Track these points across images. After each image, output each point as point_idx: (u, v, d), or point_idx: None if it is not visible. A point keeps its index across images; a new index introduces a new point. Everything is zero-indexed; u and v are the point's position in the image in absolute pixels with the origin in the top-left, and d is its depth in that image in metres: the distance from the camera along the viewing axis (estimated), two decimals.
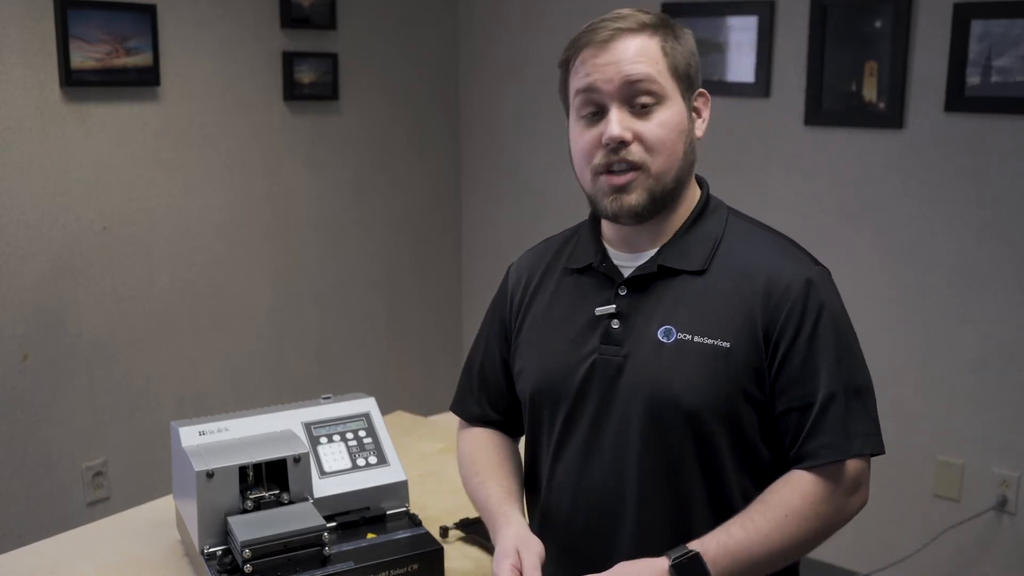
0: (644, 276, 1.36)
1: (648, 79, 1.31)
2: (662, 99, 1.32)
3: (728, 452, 1.32)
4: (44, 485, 2.92)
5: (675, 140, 1.33)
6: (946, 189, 2.94)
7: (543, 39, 3.68)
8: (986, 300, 2.91)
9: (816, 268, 1.35)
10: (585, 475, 1.39)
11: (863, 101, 3.03)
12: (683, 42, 1.35)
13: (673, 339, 1.32)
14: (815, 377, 1.29)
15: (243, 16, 3.24)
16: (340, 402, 1.79)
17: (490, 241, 4.03)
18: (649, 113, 1.31)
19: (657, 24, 1.34)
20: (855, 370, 1.32)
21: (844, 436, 1.28)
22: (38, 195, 2.82)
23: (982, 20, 2.79)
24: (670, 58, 1.33)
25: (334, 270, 3.64)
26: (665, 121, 1.32)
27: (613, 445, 1.36)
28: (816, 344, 1.29)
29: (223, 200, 3.27)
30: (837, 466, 1.28)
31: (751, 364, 1.30)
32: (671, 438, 1.32)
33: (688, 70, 1.35)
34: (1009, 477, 2.93)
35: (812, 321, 1.29)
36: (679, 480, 1.33)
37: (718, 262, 1.35)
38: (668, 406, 1.31)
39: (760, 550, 1.25)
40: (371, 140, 3.69)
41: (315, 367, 3.61)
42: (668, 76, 1.32)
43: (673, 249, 1.36)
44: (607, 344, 1.36)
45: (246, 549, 1.48)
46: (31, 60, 2.75)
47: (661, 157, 1.32)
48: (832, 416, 1.28)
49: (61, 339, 2.91)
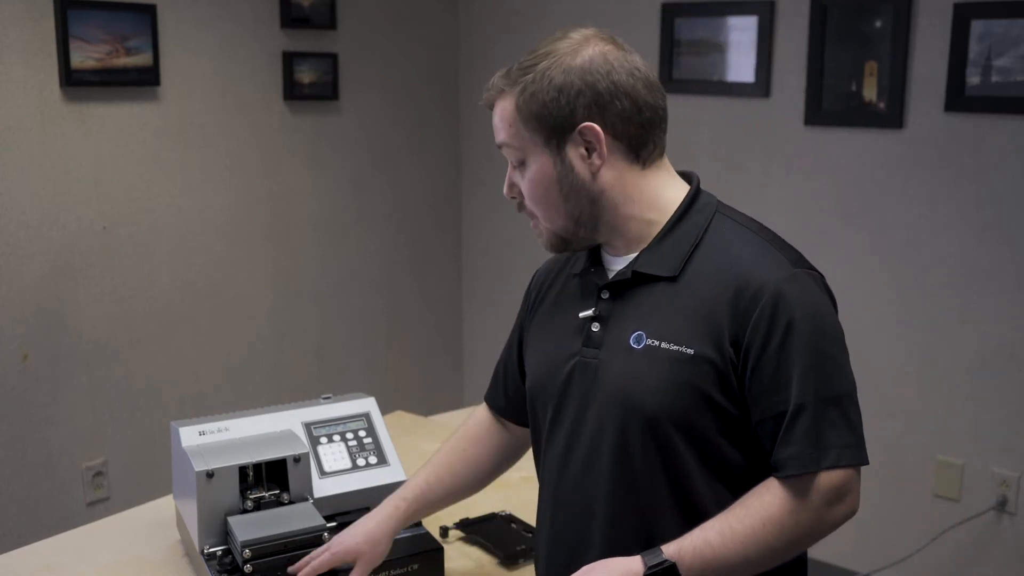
0: (622, 282, 1.36)
1: (506, 144, 1.35)
2: (525, 157, 1.34)
3: (693, 461, 1.30)
4: (44, 485, 2.92)
5: (544, 192, 1.34)
6: (946, 189, 2.94)
7: (543, 39, 3.68)
8: (986, 300, 2.91)
9: (795, 270, 1.29)
10: (560, 484, 1.40)
11: (863, 101, 3.03)
12: (541, 87, 1.31)
13: (643, 345, 1.31)
14: (786, 386, 1.25)
15: (243, 16, 3.24)
16: (340, 402, 1.79)
17: (490, 241, 4.03)
18: (524, 169, 1.35)
19: (511, 80, 1.34)
20: (833, 378, 1.27)
21: (815, 447, 1.24)
22: (38, 195, 2.82)
23: (982, 20, 2.79)
24: (522, 114, 1.32)
25: (334, 270, 3.64)
26: (530, 178, 1.35)
27: (586, 454, 1.35)
28: (786, 351, 1.25)
29: (223, 200, 3.27)
30: (810, 476, 1.25)
31: (715, 371, 1.27)
32: (635, 448, 1.30)
33: (548, 114, 1.31)
34: (1009, 477, 2.93)
35: (783, 327, 1.25)
36: (647, 497, 1.31)
37: (694, 265, 1.32)
38: (632, 413, 1.30)
39: (735, 558, 1.24)
40: (371, 140, 3.69)
41: (315, 367, 3.61)
42: (523, 133, 1.33)
43: (649, 255, 1.34)
44: (587, 347, 1.37)
45: (246, 549, 1.48)
46: (31, 60, 2.75)
47: (540, 209, 1.36)
48: (801, 427, 1.24)
49: (61, 339, 2.91)
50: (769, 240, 1.34)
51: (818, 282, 1.32)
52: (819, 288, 1.31)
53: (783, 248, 1.34)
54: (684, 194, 1.37)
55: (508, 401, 1.61)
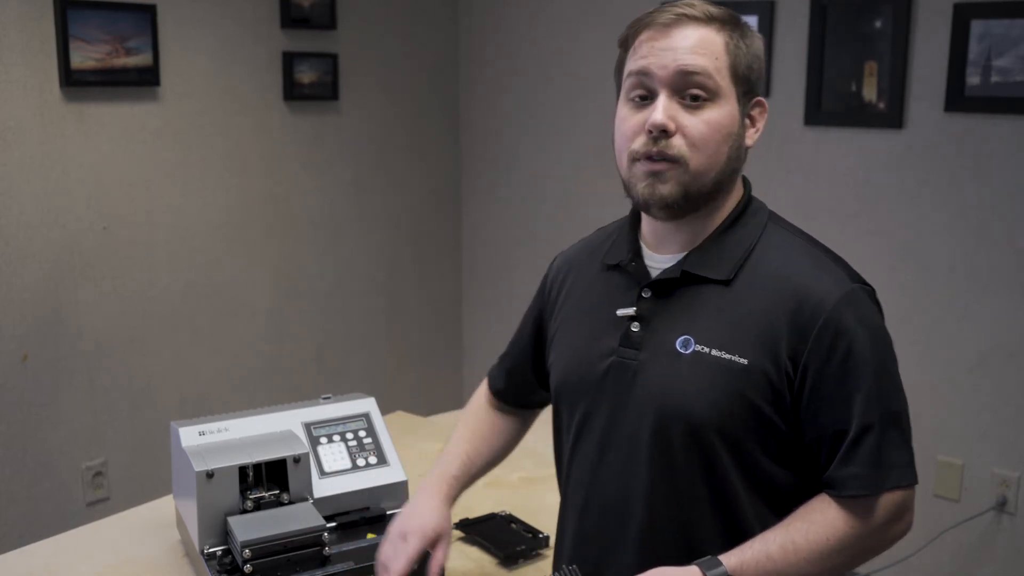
0: (669, 281, 1.30)
1: (704, 73, 1.24)
2: (715, 96, 1.25)
3: (737, 474, 1.26)
4: (44, 485, 2.92)
5: (719, 141, 1.25)
6: (946, 189, 2.94)
7: (543, 39, 3.69)
8: (986, 300, 2.91)
9: (853, 285, 1.26)
10: (594, 484, 1.36)
11: (863, 101, 3.03)
12: (750, 44, 1.28)
13: (690, 350, 1.26)
14: (848, 404, 1.21)
15: (243, 16, 3.24)
16: (340, 402, 1.79)
17: (490, 241, 4.03)
18: (699, 108, 1.24)
19: (725, 19, 1.27)
20: (893, 396, 1.24)
21: (878, 469, 1.21)
22: (38, 195, 2.82)
23: (982, 20, 2.79)
24: (732, 56, 1.25)
25: (334, 270, 3.64)
26: (712, 120, 1.25)
27: (623, 456, 1.32)
28: (848, 369, 1.21)
29: (223, 200, 3.27)
30: (874, 498, 1.22)
31: (769, 384, 1.23)
32: (677, 455, 1.27)
33: (749, 73, 1.28)
34: (1009, 477, 2.93)
35: (844, 345, 1.21)
36: (686, 500, 1.28)
37: (747, 272, 1.28)
38: (675, 420, 1.26)
39: (796, 574, 1.21)
40: (371, 140, 3.69)
41: (315, 367, 3.61)
42: (726, 75, 1.25)
43: (701, 255, 1.30)
44: (625, 347, 1.31)
45: (246, 549, 1.48)
46: (31, 60, 2.75)
47: (702, 155, 1.25)
48: (866, 447, 1.21)
49: (61, 339, 2.91)
50: (823, 252, 1.31)
51: (872, 297, 1.30)
52: (873, 303, 1.29)
53: (837, 261, 1.31)
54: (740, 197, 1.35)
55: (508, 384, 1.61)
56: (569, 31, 3.61)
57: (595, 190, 3.54)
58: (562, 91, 3.66)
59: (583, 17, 3.57)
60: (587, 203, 3.60)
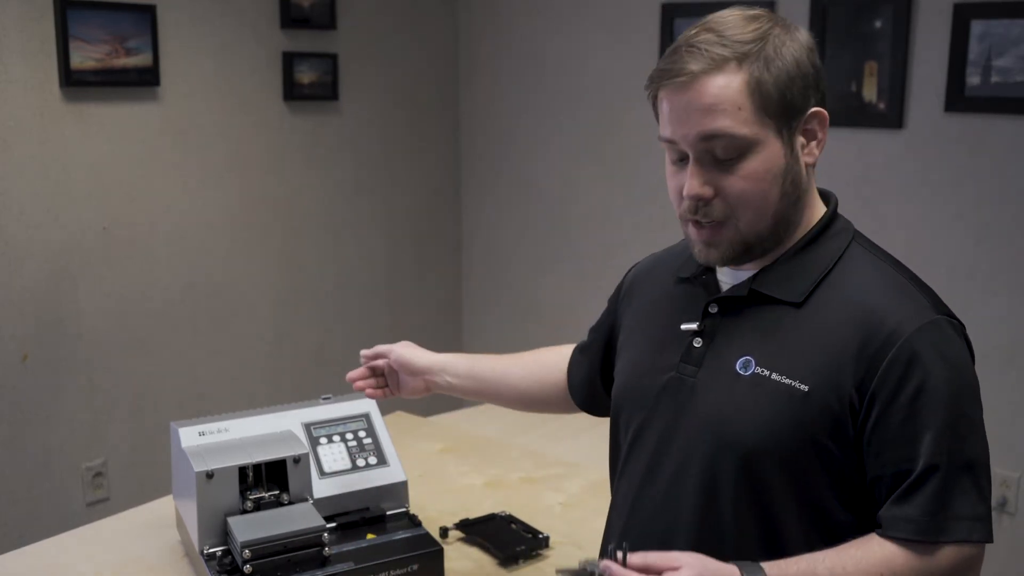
0: (737, 298, 1.24)
1: (726, 135, 1.14)
2: (748, 148, 1.15)
3: (790, 508, 1.17)
4: (44, 485, 2.92)
5: (765, 189, 1.17)
6: (946, 189, 2.94)
7: (543, 39, 3.69)
8: (986, 300, 2.91)
9: (936, 316, 1.16)
10: (639, 501, 1.30)
11: (863, 101, 3.03)
12: (778, 63, 1.15)
13: (750, 372, 1.19)
14: (914, 443, 1.12)
15: (243, 16, 3.24)
16: (340, 402, 1.79)
17: (490, 241, 4.03)
18: (733, 165, 1.16)
19: (745, 51, 1.15)
20: (970, 440, 1.14)
21: (939, 516, 1.11)
22: (38, 195, 2.82)
23: (982, 20, 2.79)
24: (757, 96, 1.14)
25: (334, 270, 3.64)
26: (751, 171, 1.16)
27: (669, 480, 1.25)
28: (918, 406, 1.12)
29: (223, 200, 3.27)
30: (932, 545, 1.12)
31: (831, 414, 1.14)
32: (727, 484, 1.19)
33: (785, 98, 1.15)
34: (1009, 477, 2.93)
35: (917, 378, 1.12)
36: (733, 535, 1.20)
37: (821, 294, 1.19)
38: (727, 445, 1.19)
39: None
40: (371, 140, 3.69)
41: (315, 367, 3.61)
42: (754, 120, 1.15)
43: (772, 274, 1.22)
44: (686, 363, 1.25)
45: (246, 549, 1.48)
46: (31, 60, 2.75)
47: (748, 210, 1.17)
48: (930, 490, 1.11)
49: (61, 339, 2.91)
50: (909, 279, 1.22)
51: (959, 332, 1.20)
52: (960, 338, 1.19)
53: (923, 289, 1.21)
54: (820, 213, 1.27)
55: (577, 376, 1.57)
56: (569, 31, 3.61)
57: (595, 190, 3.54)
58: (562, 91, 3.65)
59: (583, 17, 3.57)
60: (587, 203, 3.60)
